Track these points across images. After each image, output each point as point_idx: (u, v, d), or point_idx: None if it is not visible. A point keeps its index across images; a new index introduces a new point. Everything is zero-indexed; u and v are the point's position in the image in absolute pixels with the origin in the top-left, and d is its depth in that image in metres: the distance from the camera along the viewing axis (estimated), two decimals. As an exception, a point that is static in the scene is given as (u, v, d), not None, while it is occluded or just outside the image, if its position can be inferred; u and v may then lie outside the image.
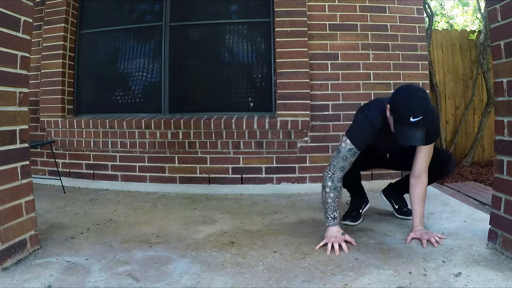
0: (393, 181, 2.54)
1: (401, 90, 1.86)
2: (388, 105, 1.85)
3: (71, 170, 3.57)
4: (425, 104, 1.77)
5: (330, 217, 1.96)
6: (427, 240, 1.90)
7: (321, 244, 1.91)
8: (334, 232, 1.93)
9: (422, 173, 2.02)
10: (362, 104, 2.10)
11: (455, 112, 4.73)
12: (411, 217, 2.35)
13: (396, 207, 2.45)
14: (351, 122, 2.05)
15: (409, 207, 2.44)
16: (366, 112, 1.99)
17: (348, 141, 1.96)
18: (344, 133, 2.04)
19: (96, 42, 3.72)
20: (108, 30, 3.66)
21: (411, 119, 1.72)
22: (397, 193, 2.48)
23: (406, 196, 2.50)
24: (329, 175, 1.98)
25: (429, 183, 2.35)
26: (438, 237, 1.93)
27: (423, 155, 2.01)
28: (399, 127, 1.79)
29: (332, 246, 1.86)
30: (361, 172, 2.38)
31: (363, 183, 3.23)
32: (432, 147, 2.03)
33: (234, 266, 1.73)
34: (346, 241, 1.90)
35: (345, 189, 2.37)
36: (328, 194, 1.96)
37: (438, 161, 2.16)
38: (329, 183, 1.97)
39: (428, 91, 3.35)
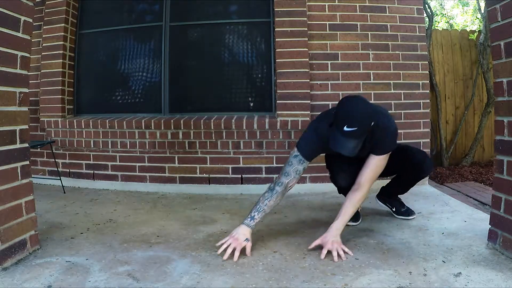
0: (384, 184, 2.51)
1: (348, 99, 1.85)
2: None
3: (71, 170, 3.57)
4: (365, 117, 1.75)
5: (249, 215, 1.91)
6: (336, 253, 1.77)
7: (221, 242, 1.87)
8: (239, 233, 1.87)
9: (362, 183, 1.94)
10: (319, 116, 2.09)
11: (455, 112, 4.72)
12: (411, 217, 2.36)
13: (394, 209, 2.44)
14: None
15: (407, 206, 2.44)
16: (315, 122, 2.01)
17: (295, 149, 1.97)
18: None
19: (96, 42, 3.72)
20: (108, 30, 3.66)
21: (345, 128, 1.72)
22: (389, 196, 2.46)
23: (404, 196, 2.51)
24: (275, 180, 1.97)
25: (406, 188, 2.37)
26: (345, 251, 1.81)
27: (369, 167, 1.95)
28: (334, 132, 1.78)
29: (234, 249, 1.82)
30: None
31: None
32: (382, 160, 1.96)
33: (234, 266, 1.73)
34: (245, 248, 1.84)
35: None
36: (263, 193, 1.95)
37: (411, 164, 2.15)
38: (270, 184, 1.97)
39: (428, 91, 3.36)
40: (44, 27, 3.56)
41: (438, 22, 8.56)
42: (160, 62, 3.48)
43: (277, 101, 3.23)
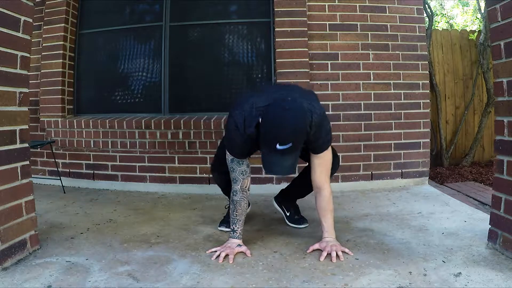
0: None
1: (273, 108, 1.58)
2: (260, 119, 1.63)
3: (71, 170, 3.57)
4: (299, 128, 1.56)
5: (231, 230, 1.92)
6: (336, 254, 1.76)
7: (212, 250, 1.88)
8: (231, 242, 1.88)
9: (322, 183, 1.86)
10: (235, 104, 1.82)
11: (455, 112, 4.72)
12: (303, 225, 2.25)
13: (288, 214, 2.31)
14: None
15: (302, 214, 2.33)
16: (235, 118, 1.72)
17: (227, 153, 1.84)
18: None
19: (96, 42, 3.72)
20: (108, 30, 3.66)
21: (278, 146, 1.52)
22: (287, 199, 2.34)
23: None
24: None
25: (307, 191, 2.16)
26: (345, 252, 1.81)
27: (321, 163, 1.82)
28: (265, 152, 1.59)
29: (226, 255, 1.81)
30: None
31: (364, 183, 3.23)
32: (329, 153, 1.84)
33: (234, 266, 1.73)
34: (241, 252, 1.84)
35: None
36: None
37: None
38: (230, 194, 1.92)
39: (428, 91, 3.36)
40: (44, 27, 3.56)
41: (438, 22, 8.56)
42: (160, 62, 3.48)
43: (277, 101, 3.23)
